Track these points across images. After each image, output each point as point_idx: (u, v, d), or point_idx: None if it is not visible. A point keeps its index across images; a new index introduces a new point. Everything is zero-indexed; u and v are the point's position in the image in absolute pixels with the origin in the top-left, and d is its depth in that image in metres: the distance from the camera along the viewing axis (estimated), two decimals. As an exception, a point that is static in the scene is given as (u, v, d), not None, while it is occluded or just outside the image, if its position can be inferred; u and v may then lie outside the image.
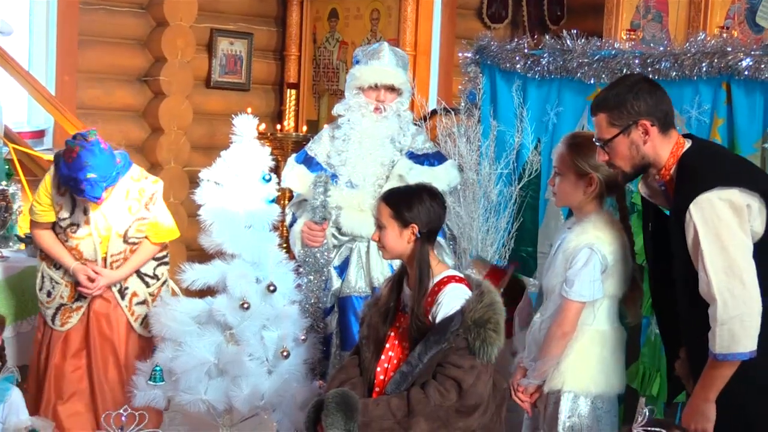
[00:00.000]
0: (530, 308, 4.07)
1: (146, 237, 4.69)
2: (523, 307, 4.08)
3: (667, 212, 3.57)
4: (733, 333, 3.22)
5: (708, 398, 3.33)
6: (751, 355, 3.24)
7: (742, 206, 3.26)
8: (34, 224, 4.69)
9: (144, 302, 4.71)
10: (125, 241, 4.63)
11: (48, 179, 4.59)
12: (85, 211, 4.57)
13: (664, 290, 3.64)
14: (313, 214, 4.56)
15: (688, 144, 3.44)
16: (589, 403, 3.77)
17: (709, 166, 3.36)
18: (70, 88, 7.14)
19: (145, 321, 4.66)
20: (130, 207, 4.63)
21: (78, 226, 4.58)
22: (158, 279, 4.76)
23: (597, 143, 3.51)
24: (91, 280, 4.57)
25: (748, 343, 3.23)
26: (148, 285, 4.73)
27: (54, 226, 4.64)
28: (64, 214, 4.58)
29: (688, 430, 3.37)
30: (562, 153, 3.83)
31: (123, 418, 3.15)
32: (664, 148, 3.42)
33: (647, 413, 2.93)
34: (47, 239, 4.64)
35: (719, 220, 3.24)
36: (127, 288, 4.68)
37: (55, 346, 4.63)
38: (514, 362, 3.97)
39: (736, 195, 3.26)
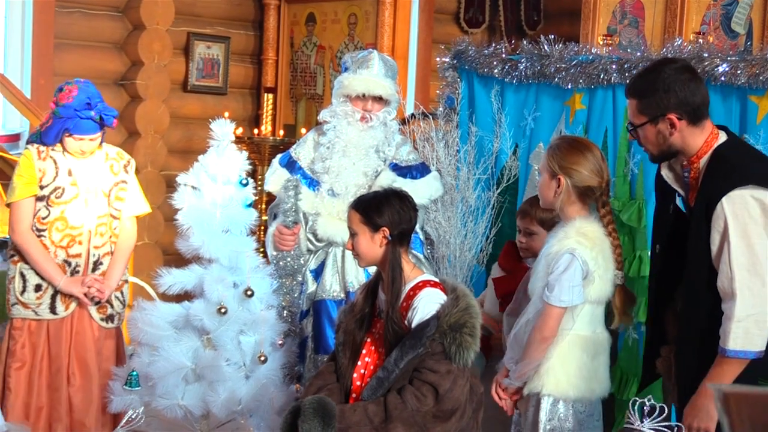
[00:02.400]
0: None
1: (121, 220, 4.60)
2: (512, 309, 4.08)
3: (680, 202, 3.57)
4: (748, 331, 3.22)
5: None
6: (758, 355, 3.25)
7: None
8: (16, 213, 4.46)
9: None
10: (109, 204, 4.56)
11: (27, 153, 4.47)
12: (70, 172, 4.50)
13: (664, 284, 3.63)
14: (284, 218, 4.55)
15: (723, 137, 3.42)
16: (570, 408, 3.76)
17: (745, 163, 3.35)
18: (45, 92, 7.09)
19: (101, 308, 4.56)
20: (112, 166, 4.63)
21: (63, 189, 4.49)
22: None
23: (627, 126, 3.52)
24: (88, 295, 4.46)
25: (759, 343, 3.24)
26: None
27: (35, 206, 4.48)
28: (48, 179, 4.47)
29: (691, 428, 3.34)
30: (543, 153, 3.85)
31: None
32: (694, 139, 3.40)
33: (659, 408, 2.90)
34: (35, 248, 4.45)
35: (750, 218, 3.24)
36: (101, 264, 4.57)
37: (58, 337, 4.47)
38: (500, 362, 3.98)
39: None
